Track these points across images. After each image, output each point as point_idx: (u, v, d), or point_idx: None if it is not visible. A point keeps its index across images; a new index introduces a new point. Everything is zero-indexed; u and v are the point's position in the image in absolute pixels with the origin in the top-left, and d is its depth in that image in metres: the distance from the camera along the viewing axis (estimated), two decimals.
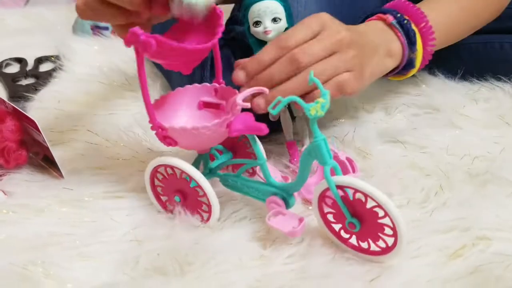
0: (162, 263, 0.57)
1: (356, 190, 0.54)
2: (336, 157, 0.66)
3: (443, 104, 0.84)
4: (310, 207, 0.64)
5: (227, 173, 0.67)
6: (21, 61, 1.11)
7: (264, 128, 0.57)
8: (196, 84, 0.66)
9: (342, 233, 0.58)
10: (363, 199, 0.54)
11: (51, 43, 1.16)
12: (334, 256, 0.57)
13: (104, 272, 0.58)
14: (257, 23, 0.68)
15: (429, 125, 0.80)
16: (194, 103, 0.66)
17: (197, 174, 0.60)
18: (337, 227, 0.58)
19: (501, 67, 0.88)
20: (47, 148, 0.71)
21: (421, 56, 0.72)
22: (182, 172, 0.60)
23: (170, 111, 0.64)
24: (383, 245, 0.55)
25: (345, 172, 0.66)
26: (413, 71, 0.73)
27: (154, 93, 0.92)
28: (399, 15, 0.70)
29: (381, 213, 0.54)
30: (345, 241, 0.58)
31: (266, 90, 0.58)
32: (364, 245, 0.57)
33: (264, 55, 0.62)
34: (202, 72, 0.79)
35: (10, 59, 1.11)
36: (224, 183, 0.65)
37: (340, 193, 0.55)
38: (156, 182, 0.64)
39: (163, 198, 0.65)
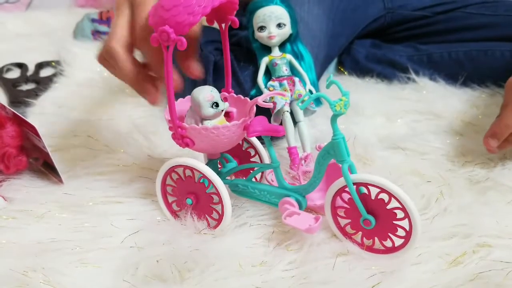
0: (161, 269, 0.57)
1: (373, 186, 0.56)
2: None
3: (444, 110, 0.84)
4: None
5: (237, 179, 0.67)
6: (21, 66, 1.11)
7: (281, 130, 0.60)
8: None
9: (348, 229, 0.59)
10: (383, 197, 0.56)
11: (51, 48, 1.17)
12: (335, 263, 0.57)
13: (104, 279, 0.57)
14: (261, 28, 0.68)
15: (430, 131, 0.80)
16: None
17: (218, 181, 0.60)
18: (344, 222, 0.59)
19: (502, 75, 0.87)
20: (47, 154, 0.71)
21: None
22: (203, 176, 0.60)
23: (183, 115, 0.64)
24: (389, 244, 0.57)
25: None
26: None
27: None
28: None
29: (395, 206, 0.55)
30: (349, 236, 0.59)
31: (285, 93, 0.58)
32: (368, 242, 0.58)
33: None
34: (205, 77, 0.80)
35: (11, 64, 1.12)
36: (233, 189, 0.65)
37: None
38: (168, 181, 0.64)
39: (170, 199, 0.65)
